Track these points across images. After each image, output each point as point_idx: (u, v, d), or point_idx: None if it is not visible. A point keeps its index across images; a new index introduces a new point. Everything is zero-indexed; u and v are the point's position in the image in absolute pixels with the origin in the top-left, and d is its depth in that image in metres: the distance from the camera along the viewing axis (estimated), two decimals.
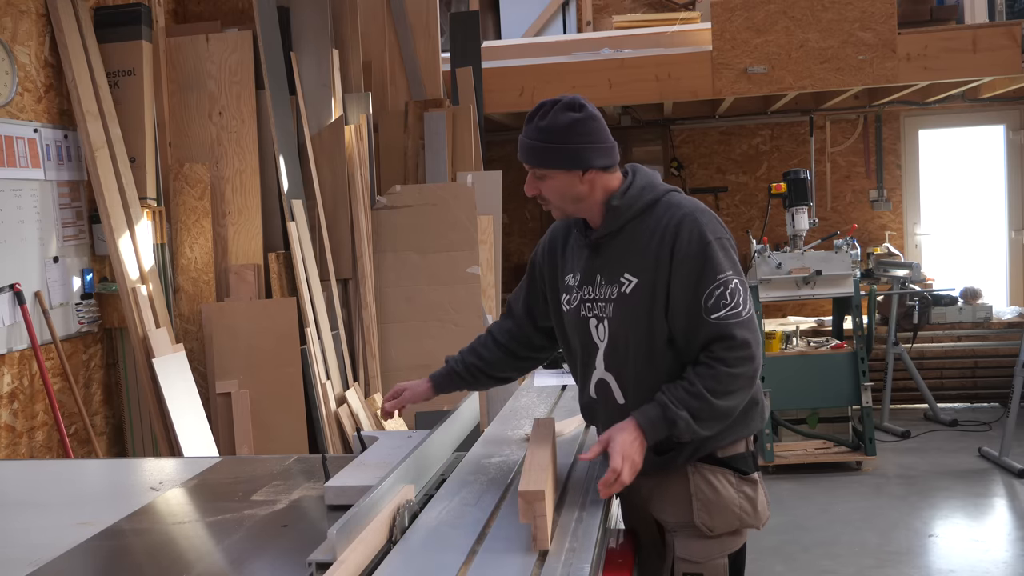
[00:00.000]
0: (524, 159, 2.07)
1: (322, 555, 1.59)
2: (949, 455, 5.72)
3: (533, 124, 2.04)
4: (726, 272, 1.99)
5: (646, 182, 2.11)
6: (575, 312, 2.15)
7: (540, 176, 2.06)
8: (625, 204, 2.06)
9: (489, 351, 2.38)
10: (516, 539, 1.74)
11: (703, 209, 2.08)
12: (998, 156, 7.76)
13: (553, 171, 2.04)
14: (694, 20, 6.69)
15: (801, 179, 5.48)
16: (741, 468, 2.12)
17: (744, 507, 2.11)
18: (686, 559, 2.12)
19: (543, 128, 2.02)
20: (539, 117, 2.04)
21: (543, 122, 2.03)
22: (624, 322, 2.06)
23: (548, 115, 2.03)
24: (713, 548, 2.11)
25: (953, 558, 4.26)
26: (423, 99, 5.77)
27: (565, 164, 2.03)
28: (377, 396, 5.05)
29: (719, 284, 1.98)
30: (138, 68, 4.73)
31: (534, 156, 2.05)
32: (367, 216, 5.11)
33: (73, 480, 2.67)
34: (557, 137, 2.02)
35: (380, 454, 2.29)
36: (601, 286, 2.10)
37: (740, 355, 1.97)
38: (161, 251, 4.86)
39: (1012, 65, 5.81)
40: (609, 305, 2.08)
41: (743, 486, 2.12)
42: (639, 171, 2.13)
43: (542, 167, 2.05)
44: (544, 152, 2.03)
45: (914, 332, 6.56)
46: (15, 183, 4.19)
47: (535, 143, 2.04)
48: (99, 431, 4.69)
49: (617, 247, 2.08)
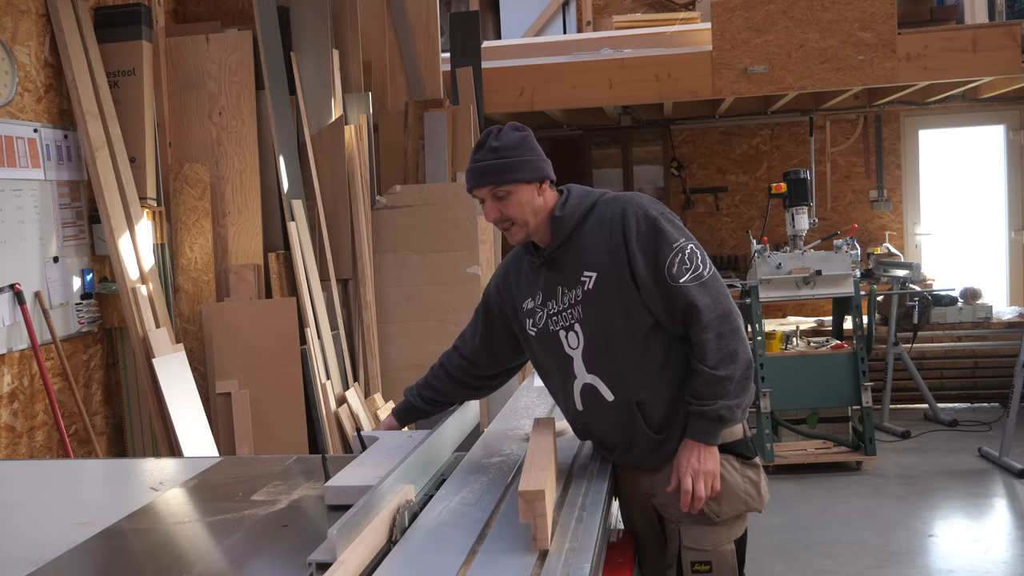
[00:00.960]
0: (483, 182, 2.11)
1: (322, 555, 1.59)
2: (949, 455, 5.72)
3: (485, 147, 2.11)
4: (679, 240, 2.09)
5: (581, 192, 2.21)
6: (544, 330, 2.20)
7: (502, 195, 2.11)
8: (567, 213, 2.15)
9: (442, 383, 2.47)
10: (516, 539, 1.74)
11: (639, 195, 2.20)
12: (998, 156, 7.76)
13: (516, 186, 2.10)
14: (694, 20, 6.69)
15: (801, 179, 5.48)
16: (743, 453, 2.19)
17: (749, 491, 2.18)
18: (694, 548, 2.16)
19: (498, 147, 2.10)
20: (491, 139, 2.12)
21: (496, 142, 2.11)
22: (596, 317, 2.12)
23: (498, 136, 2.12)
24: (720, 534, 2.16)
25: (953, 558, 4.26)
26: (423, 99, 5.77)
27: (527, 175, 2.11)
28: (377, 396, 5.05)
29: (676, 251, 2.07)
30: (138, 68, 4.73)
31: (496, 174, 2.10)
32: (367, 216, 5.11)
33: (73, 480, 2.67)
34: (514, 152, 2.10)
35: (380, 454, 2.29)
36: (564, 294, 2.16)
37: (716, 315, 2.05)
38: (161, 251, 4.86)
39: (1012, 65, 5.81)
40: (576, 308, 2.14)
41: (747, 470, 2.19)
42: (573, 187, 2.23)
43: (506, 183, 2.10)
44: (506, 168, 2.09)
45: (914, 332, 6.56)
46: (15, 183, 4.19)
47: (495, 161, 2.10)
48: (99, 431, 4.69)
49: (570, 254, 2.15)
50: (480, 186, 2.12)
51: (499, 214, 2.13)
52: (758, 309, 5.46)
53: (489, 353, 2.40)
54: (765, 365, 5.40)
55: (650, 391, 2.13)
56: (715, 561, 2.15)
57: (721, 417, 2.06)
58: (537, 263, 2.21)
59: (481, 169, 2.12)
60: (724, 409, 2.05)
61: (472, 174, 2.14)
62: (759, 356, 5.39)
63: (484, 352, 2.41)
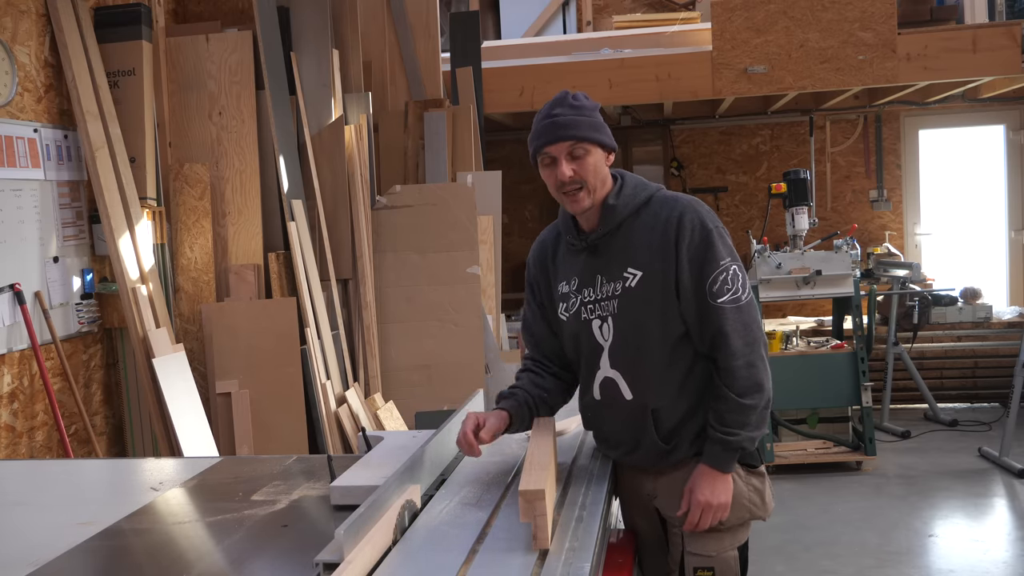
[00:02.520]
0: (564, 135, 2.02)
1: (329, 555, 1.59)
2: (949, 455, 5.72)
3: (566, 104, 2.05)
4: (726, 259, 2.05)
5: (636, 182, 2.15)
6: (575, 317, 2.15)
7: (580, 154, 2.04)
8: (621, 203, 2.09)
9: (545, 381, 2.26)
10: (516, 538, 1.74)
11: (698, 201, 2.12)
12: (998, 156, 7.76)
13: (595, 147, 2.05)
14: (694, 20, 6.69)
15: (801, 179, 5.48)
16: (748, 462, 2.16)
17: (753, 499, 2.17)
18: (697, 553, 2.14)
19: (579, 106, 2.05)
20: (571, 98, 2.06)
21: (576, 102, 2.05)
22: (632, 316, 2.07)
23: (577, 97, 2.07)
24: (724, 541, 2.15)
25: (953, 558, 4.26)
26: (423, 99, 5.77)
27: (606, 140, 2.07)
28: (377, 396, 5.05)
29: (722, 270, 2.03)
30: (138, 68, 4.73)
31: (578, 129, 2.02)
32: (367, 216, 5.11)
33: (73, 480, 2.67)
34: (595, 114, 2.06)
35: (385, 454, 2.29)
36: (603, 285, 2.10)
37: (747, 342, 2.03)
38: (161, 251, 4.86)
39: (1012, 65, 5.81)
40: (613, 302, 2.09)
41: (751, 479, 2.17)
42: (626, 174, 2.17)
43: (587, 140, 2.03)
44: (589, 125, 2.04)
45: (914, 332, 6.56)
46: (15, 183, 4.19)
47: (578, 117, 2.03)
48: (99, 431, 4.69)
49: (617, 245, 2.10)
50: (560, 140, 2.03)
51: (573, 173, 2.04)
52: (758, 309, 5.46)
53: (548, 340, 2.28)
54: None
55: (668, 400, 2.10)
56: (718, 567, 2.14)
57: (742, 448, 2.06)
58: (579, 246, 2.14)
59: (564, 122, 2.03)
60: (747, 441, 2.05)
61: (551, 127, 2.04)
62: None
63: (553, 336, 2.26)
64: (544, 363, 2.28)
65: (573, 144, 2.03)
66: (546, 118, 2.06)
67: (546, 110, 2.08)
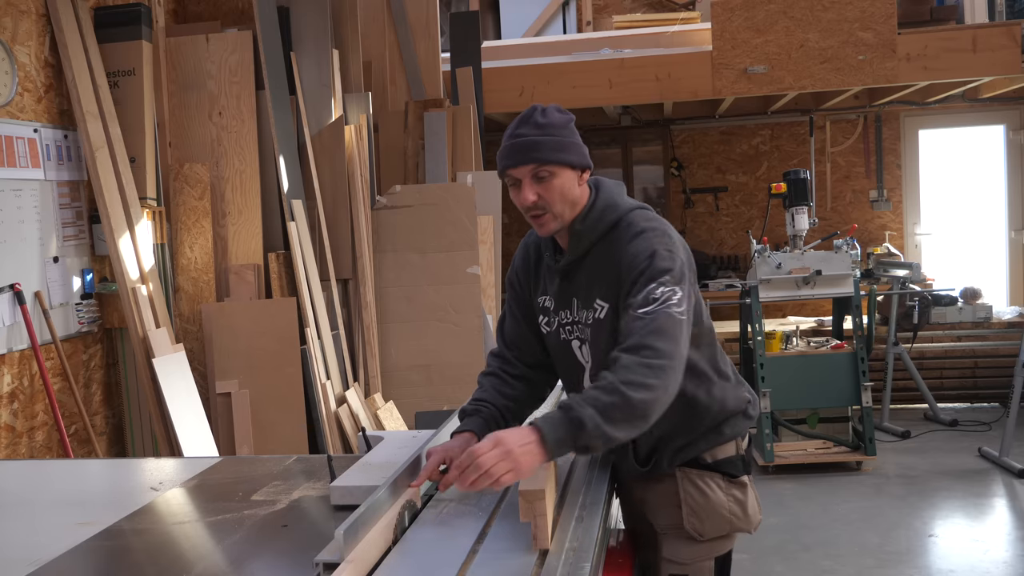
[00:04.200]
0: (526, 158, 1.91)
1: (329, 555, 1.59)
2: (949, 455, 5.72)
3: (531, 122, 1.92)
4: (664, 275, 1.85)
5: (607, 203, 1.99)
6: (555, 335, 2.09)
7: (544, 177, 1.91)
8: (587, 228, 1.97)
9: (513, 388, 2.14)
10: (516, 538, 1.74)
11: (660, 230, 1.94)
12: (998, 156, 7.76)
13: (561, 168, 1.91)
14: (694, 20, 6.69)
15: (801, 179, 5.48)
16: (730, 472, 2.09)
17: (734, 511, 2.09)
18: (672, 560, 2.10)
19: (545, 124, 1.91)
20: (537, 115, 1.93)
21: (544, 119, 1.92)
22: (604, 345, 1.98)
23: (545, 113, 1.93)
24: (701, 551, 2.10)
25: (953, 558, 4.26)
26: (423, 99, 5.77)
27: (574, 159, 1.92)
28: (377, 396, 5.05)
29: (657, 285, 1.84)
30: (138, 68, 4.73)
31: (542, 151, 1.89)
32: (367, 216, 5.11)
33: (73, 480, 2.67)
34: (562, 131, 1.92)
35: (385, 454, 2.29)
36: (578, 309, 2.03)
37: (657, 345, 1.77)
38: (161, 251, 4.86)
39: (1012, 65, 5.81)
40: (587, 329, 2.02)
41: (732, 490, 2.10)
42: (601, 188, 2.02)
43: (551, 163, 1.90)
44: (554, 145, 1.90)
45: (914, 332, 6.56)
46: (15, 183, 4.19)
47: (543, 137, 1.89)
48: (99, 431, 4.69)
49: (586, 271, 2.00)
50: (521, 163, 1.90)
51: (537, 198, 1.91)
52: (758, 309, 5.46)
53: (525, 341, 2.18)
54: (765, 365, 5.40)
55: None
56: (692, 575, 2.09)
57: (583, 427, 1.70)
58: (554, 266, 2.05)
59: (526, 144, 1.90)
60: (591, 423, 1.70)
61: (513, 150, 1.91)
62: (759, 356, 5.39)
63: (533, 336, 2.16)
64: (512, 363, 2.18)
65: (537, 167, 1.90)
66: (510, 138, 1.93)
67: (512, 128, 1.95)
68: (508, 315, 2.22)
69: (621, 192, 2.05)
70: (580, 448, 1.75)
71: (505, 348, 2.21)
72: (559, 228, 1.98)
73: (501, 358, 2.21)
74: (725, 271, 7.85)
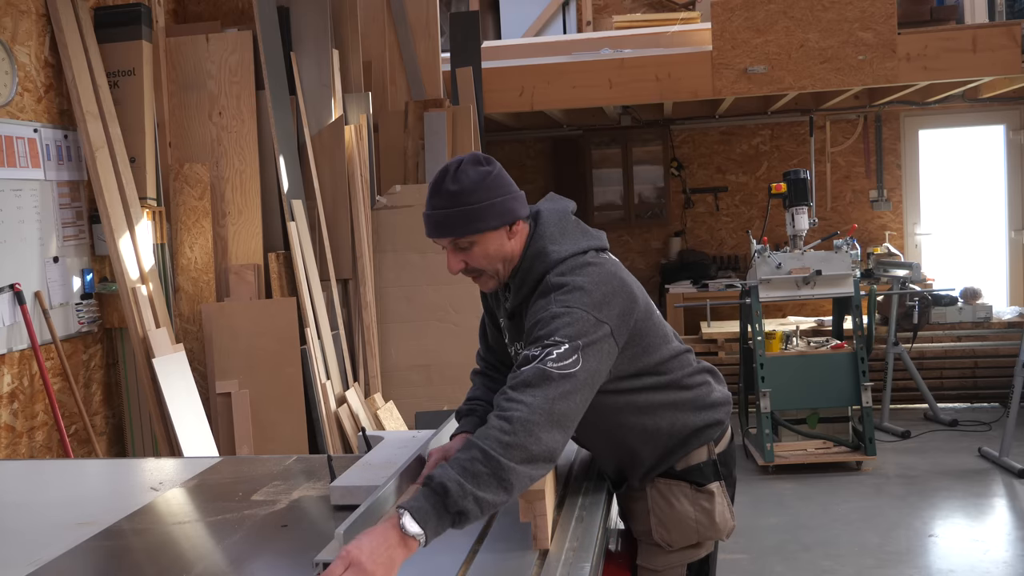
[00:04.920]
0: (440, 233, 1.86)
1: (329, 555, 1.59)
2: (949, 455, 5.72)
3: (442, 192, 1.84)
4: (554, 335, 1.75)
5: (539, 249, 1.92)
6: (515, 357, 2.10)
7: (465, 247, 1.87)
8: (518, 283, 1.94)
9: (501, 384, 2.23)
10: (516, 538, 1.74)
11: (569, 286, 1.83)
12: (998, 156, 7.76)
13: (478, 236, 1.86)
14: (694, 20, 6.69)
15: (801, 179, 5.48)
16: (697, 480, 2.06)
17: (700, 520, 2.06)
18: (645, 567, 2.11)
19: (456, 192, 1.83)
20: (448, 182, 1.84)
21: (454, 186, 1.83)
22: None
23: (456, 177, 1.84)
24: (672, 559, 2.09)
25: (953, 558, 4.26)
26: (423, 99, 5.77)
27: (493, 223, 1.85)
28: (377, 396, 5.05)
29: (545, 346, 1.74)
30: (138, 68, 4.73)
31: (453, 226, 1.84)
32: (367, 216, 5.11)
33: (73, 480, 2.67)
34: (476, 196, 1.83)
35: (385, 454, 2.29)
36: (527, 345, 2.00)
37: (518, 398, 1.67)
38: (161, 251, 4.86)
39: (1012, 65, 5.81)
40: None
41: (699, 499, 2.06)
42: (538, 225, 1.95)
43: (467, 234, 1.85)
44: (465, 217, 1.83)
45: (914, 332, 6.56)
46: (15, 183, 4.19)
47: (451, 210, 1.83)
48: (99, 431, 4.69)
49: (527, 319, 1.93)
50: (438, 237, 1.88)
51: (464, 265, 1.89)
52: (758, 309, 5.46)
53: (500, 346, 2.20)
54: (765, 365, 5.40)
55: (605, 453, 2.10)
56: None
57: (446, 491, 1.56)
58: (503, 304, 2.04)
59: (437, 219, 1.85)
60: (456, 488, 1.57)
61: (428, 224, 1.88)
62: (759, 356, 5.39)
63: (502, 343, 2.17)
64: (498, 364, 2.24)
65: (454, 240, 1.87)
66: (426, 208, 1.88)
67: (428, 195, 1.89)
68: (485, 321, 2.26)
69: (561, 228, 1.97)
70: (454, 516, 1.57)
71: (487, 351, 2.28)
72: (499, 284, 1.97)
73: (483, 360, 2.29)
74: (725, 271, 7.85)
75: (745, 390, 5.88)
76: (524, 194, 1.95)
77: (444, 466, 1.60)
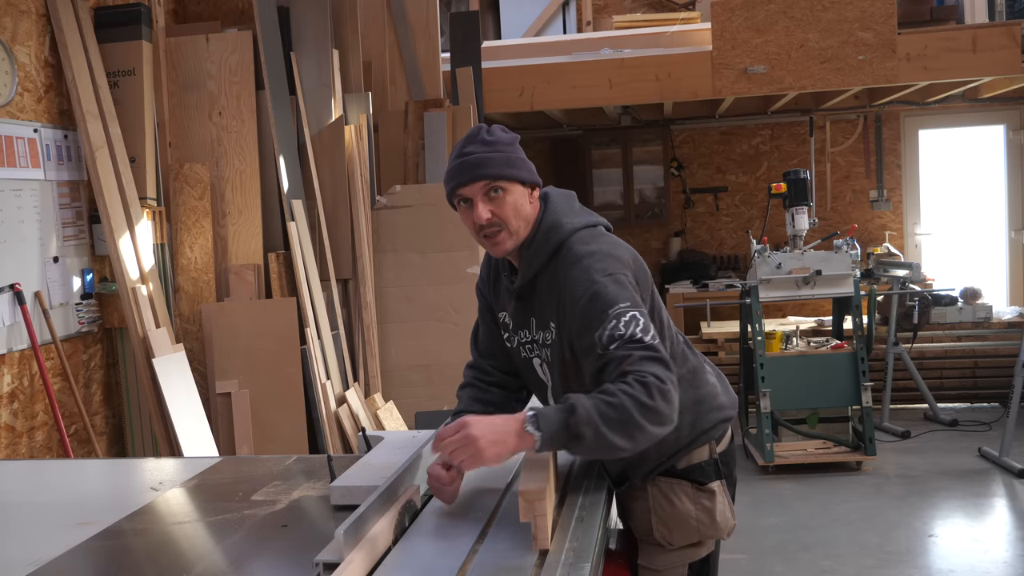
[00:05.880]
0: (477, 175, 1.88)
1: (329, 555, 1.59)
2: (949, 455, 5.72)
3: (478, 140, 1.90)
4: (618, 304, 1.80)
5: (552, 224, 1.96)
6: (517, 352, 2.10)
7: (497, 193, 1.89)
8: (534, 253, 1.95)
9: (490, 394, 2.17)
10: (516, 538, 1.74)
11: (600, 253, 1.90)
12: (998, 156, 7.77)
13: (512, 184, 1.90)
14: (694, 20, 6.70)
15: (801, 179, 5.48)
16: (699, 479, 2.07)
17: (701, 519, 2.06)
18: (646, 566, 2.11)
19: (492, 142, 1.89)
20: (484, 133, 1.91)
21: (490, 136, 1.90)
22: (560, 366, 1.99)
23: (491, 131, 1.92)
24: (673, 558, 2.09)
25: (953, 558, 4.26)
26: (423, 99, 5.77)
27: (524, 175, 1.91)
28: (377, 396, 5.05)
29: (611, 318, 1.79)
30: (138, 68, 4.73)
31: (492, 167, 1.87)
32: (367, 216, 5.11)
33: (73, 480, 2.67)
34: (510, 149, 1.91)
35: (385, 454, 2.29)
36: (535, 330, 2.02)
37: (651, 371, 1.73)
38: (161, 251, 4.86)
39: (1012, 65, 5.81)
40: (546, 349, 2.01)
41: (700, 498, 2.07)
42: (548, 204, 2.00)
43: (503, 179, 1.88)
44: (505, 161, 1.88)
45: (914, 332, 6.56)
46: (15, 183, 4.19)
47: (492, 154, 1.88)
48: (99, 431, 4.69)
49: (537, 294, 1.99)
50: (473, 180, 1.88)
51: (491, 215, 1.90)
52: (758, 309, 5.46)
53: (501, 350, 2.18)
54: (765, 365, 5.40)
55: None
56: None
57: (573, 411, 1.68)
58: (510, 288, 2.04)
59: (476, 161, 1.87)
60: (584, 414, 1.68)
61: (462, 168, 1.89)
62: (759, 356, 5.39)
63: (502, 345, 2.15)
64: (489, 371, 2.18)
65: (488, 183, 1.88)
66: (458, 157, 1.90)
67: (458, 148, 1.92)
68: (481, 324, 2.22)
69: (570, 206, 2.02)
70: (571, 436, 1.68)
71: (480, 357, 2.22)
72: (514, 247, 1.96)
73: (476, 368, 2.21)
74: (725, 271, 7.85)
75: (745, 390, 5.88)
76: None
77: (583, 396, 1.71)
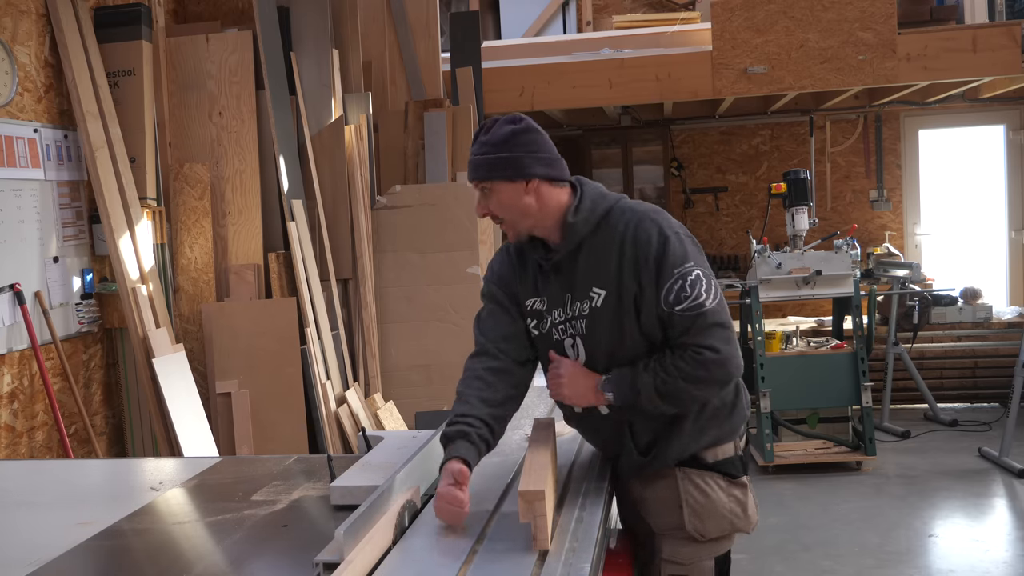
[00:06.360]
0: (471, 177, 2.08)
1: (329, 555, 1.59)
2: (949, 455, 5.72)
3: (478, 141, 2.06)
4: (685, 264, 1.99)
5: (595, 195, 2.09)
6: (547, 336, 2.12)
7: (487, 191, 2.05)
8: (580, 220, 2.05)
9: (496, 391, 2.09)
10: (516, 539, 1.74)
11: (656, 209, 2.09)
12: (998, 156, 7.76)
13: (497, 183, 2.03)
14: (694, 20, 6.69)
15: (801, 179, 5.48)
16: (730, 472, 2.12)
17: (735, 511, 2.12)
18: (672, 561, 2.12)
19: (485, 142, 2.04)
20: (483, 133, 2.06)
21: (486, 136, 2.04)
22: (599, 335, 2.04)
23: (490, 130, 2.05)
24: (701, 551, 2.12)
25: (953, 558, 4.26)
26: (423, 99, 5.77)
27: (507, 174, 2.02)
28: (377, 396, 5.05)
29: (677, 277, 1.97)
30: (138, 68, 4.73)
31: (478, 169, 2.05)
32: (367, 216, 5.11)
33: (73, 480, 2.67)
34: (498, 148, 2.02)
35: (385, 454, 2.29)
36: (572, 304, 2.07)
37: (709, 344, 1.96)
38: (161, 251, 4.86)
39: (1012, 65, 5.81)
40: (581, 322, 2.06)
41: (733, 490, 2.12)
42: (584, 183, 2.12)
43: (486, 179, 2.04)
44: (487, 164, 2.03)
45: (914, 332, 6.56)
46: (15, 183, 4.19)
47: (479, 157, 2.04)
48: (99, 431, 4.69)
49: (581, 264, 2.06)
50: (470, 181, 2.09)
51: (487, 210, 2.08)
52: (758, 309, 5.46)
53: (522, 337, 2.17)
54: (765, 365, 5.40)
55: (641, 415, 2.06)
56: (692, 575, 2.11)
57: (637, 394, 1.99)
58: (545, 266, 2.10)
59: (471, 163, 2.07)
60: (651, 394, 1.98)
61: (468, 166, 2.11)
62: (759, 356, 5.39)
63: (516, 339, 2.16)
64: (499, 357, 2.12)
65: (477, 184, 2.06)
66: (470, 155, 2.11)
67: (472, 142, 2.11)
68: (498, 313, 2.17)
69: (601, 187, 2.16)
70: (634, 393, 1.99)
71: (490, 344, 2.14)
72: (516, 237, 2.10)
73: (484, 356, 2.13)
74: (725, 271, 7.84)
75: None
76: (559, 159, 2.07)
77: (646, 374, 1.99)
